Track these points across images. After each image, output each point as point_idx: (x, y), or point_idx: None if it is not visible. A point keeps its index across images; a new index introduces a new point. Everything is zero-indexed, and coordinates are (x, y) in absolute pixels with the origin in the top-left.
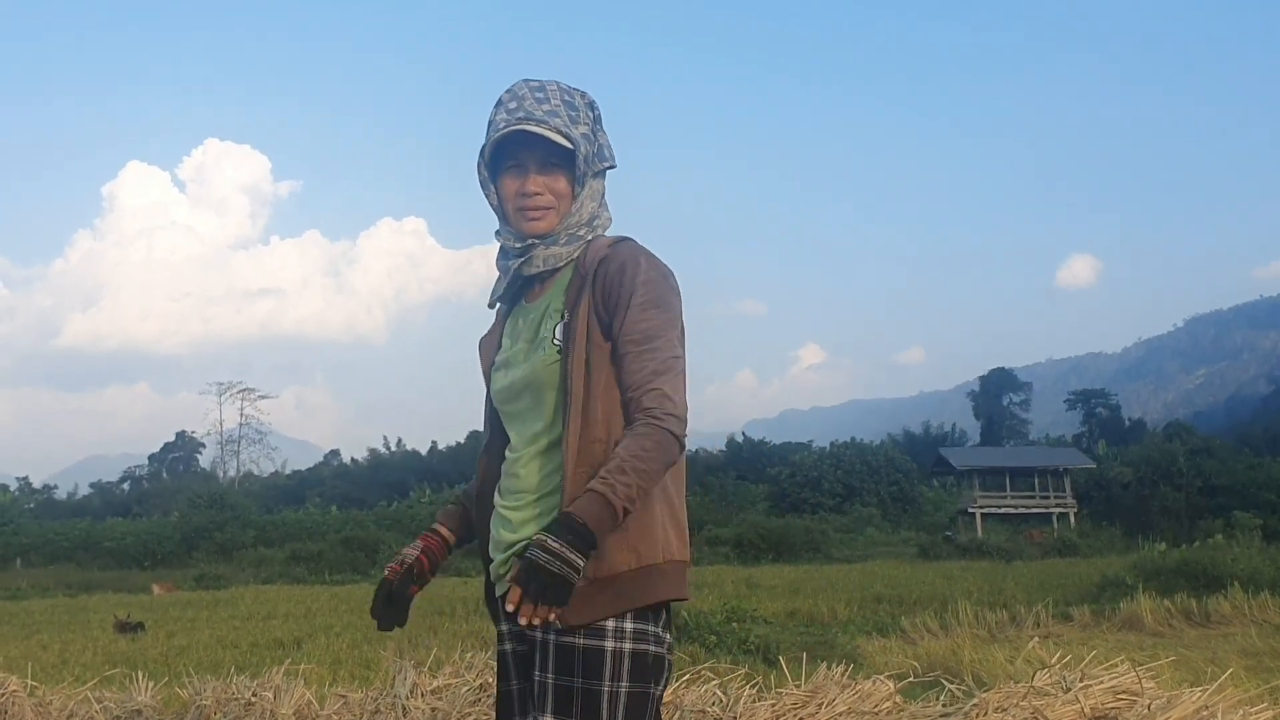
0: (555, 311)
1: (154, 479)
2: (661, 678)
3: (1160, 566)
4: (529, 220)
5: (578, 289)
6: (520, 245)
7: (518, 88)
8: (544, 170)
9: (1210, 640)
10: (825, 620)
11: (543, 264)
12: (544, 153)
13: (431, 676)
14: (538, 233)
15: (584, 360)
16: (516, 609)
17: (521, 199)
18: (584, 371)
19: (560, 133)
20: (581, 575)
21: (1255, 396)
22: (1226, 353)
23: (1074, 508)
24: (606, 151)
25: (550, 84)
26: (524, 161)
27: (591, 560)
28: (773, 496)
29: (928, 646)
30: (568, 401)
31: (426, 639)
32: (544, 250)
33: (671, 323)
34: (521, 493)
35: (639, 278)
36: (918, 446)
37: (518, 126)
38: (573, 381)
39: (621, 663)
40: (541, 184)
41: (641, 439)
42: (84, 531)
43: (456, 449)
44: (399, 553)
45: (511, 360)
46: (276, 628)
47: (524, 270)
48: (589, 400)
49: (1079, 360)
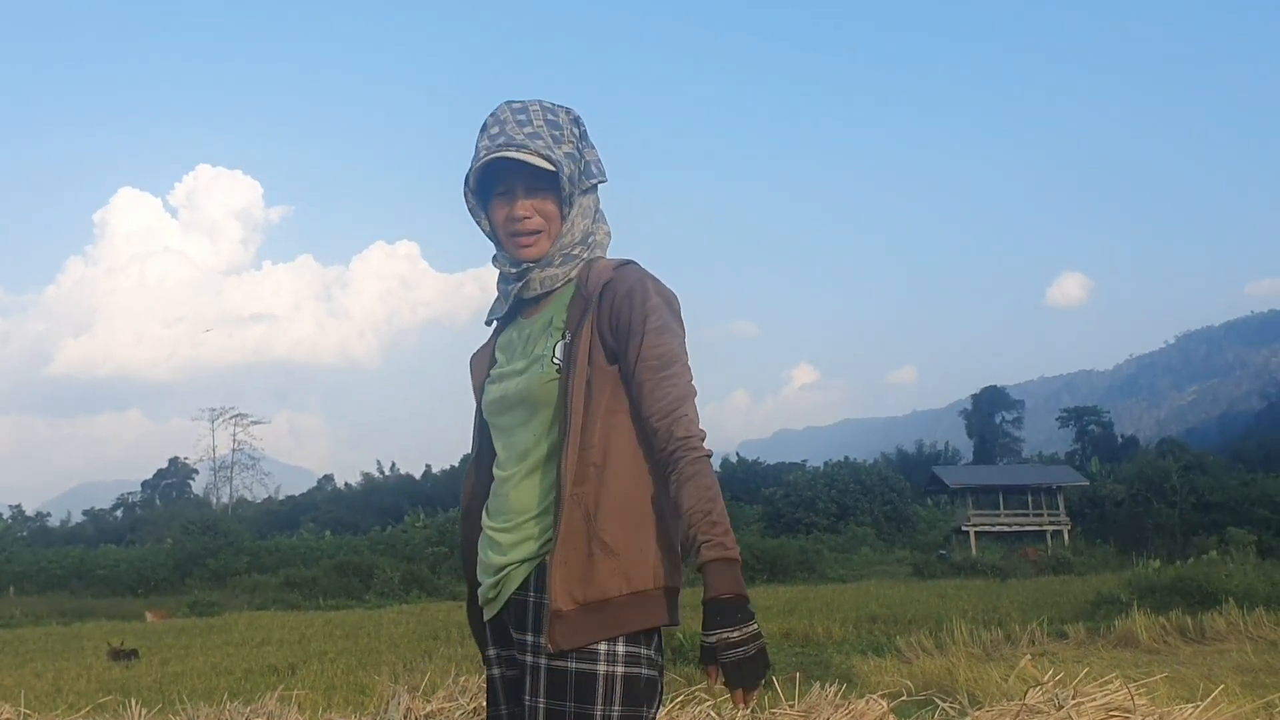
0: (556, 329)
1: (147, 506)
2: (654, 701)
3: (1155, 583)
4: (521, 246)
5: (580, 310)
6: (516, 270)
7: (500, 111)
8: (531, 194)
9: (1205, 657)
10: (820, 640)
11: (540, 287)
12: (529, 176)
13: (425, 701)
14: (531, 258)
15: (584, 382)
16: (746, 704)
17: (511, 224)
18: (584, 394)
19: (541, 155)
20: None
21: (1248, 412)
22: (1218, 369)
23: (1068, 525)
24: (594, 167)
25: (533, 104)
26: (511, 186)
27: (580, 585)
28: (767, 517)
29: (923, 666)
30: (566, 422)
31: (421, 663)
32: (540, 273)
33: (683, 346)
34: (510, 514)
35: (649, 302)
36: (911, 465)
37: (498, 154)
38: (572, 402)
39: (614, 686)
40: (530, 207)
41: (700, 478)
42: (77, 559)
43: (451, 473)
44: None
45: (506, 374)
46: (271, 654)
47: (523, 294)
48: (588, 423)
49: (1071, 378)
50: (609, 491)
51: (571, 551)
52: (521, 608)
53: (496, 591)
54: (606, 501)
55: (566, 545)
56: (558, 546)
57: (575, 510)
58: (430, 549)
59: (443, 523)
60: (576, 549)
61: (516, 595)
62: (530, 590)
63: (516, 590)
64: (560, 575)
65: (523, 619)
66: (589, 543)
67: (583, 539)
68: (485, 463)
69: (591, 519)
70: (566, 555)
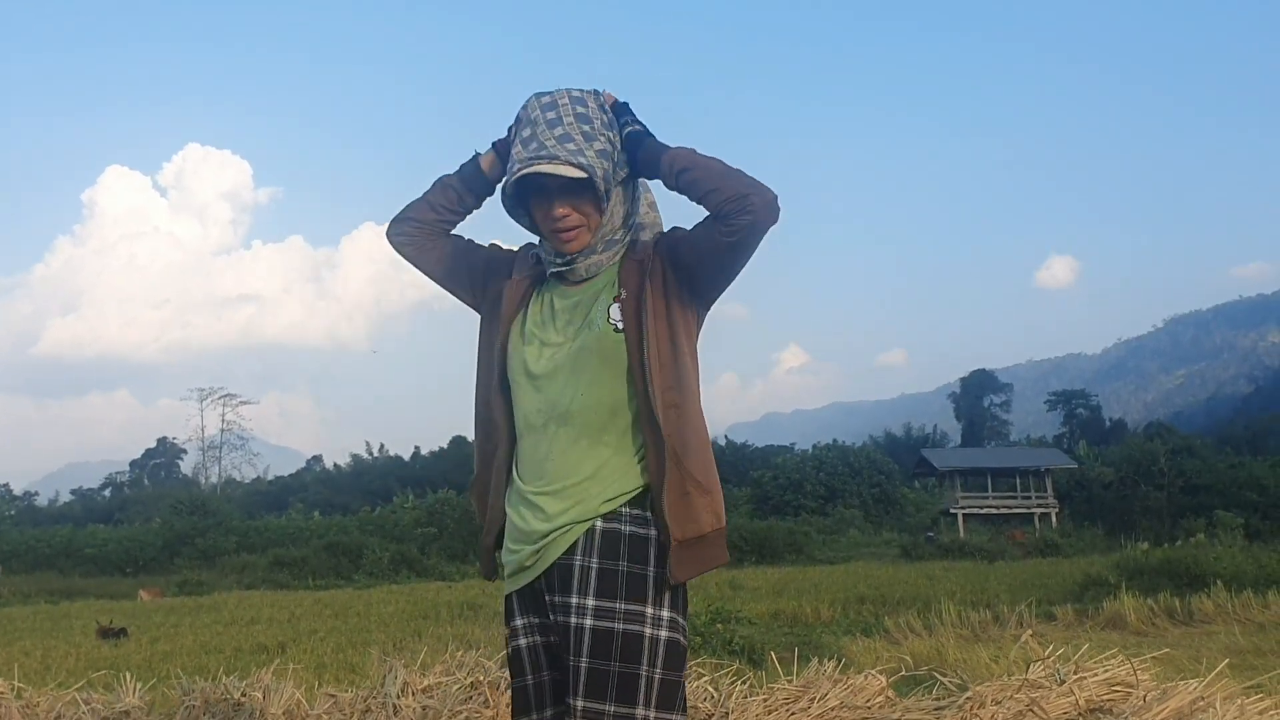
0: (609, 293)
1: (135, 485)
2: (685, 669)
3: (1143, 566)
4: (564, 242)
5: (635, 271)
6: (561, 259)
7: (530, 107)
8: (567, 194)
9: (1194, 638)
10: (809, 621)
11: (585, 273)
12: (563, 179)
13: (422, 675)
14: (574, 250)
15: (654, 331)
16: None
17: (551, 223)
18: (655, 341)
19: (573, 164)
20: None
21: (1235, 396)
22: (1206, 353)
23: (1055, 508)
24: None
25: (561, 96)
26: (547, 188)
27: (680, 523)
28: (756, 499)
29: (912, 646)
30: (645, 369)
31: (411, 642)
32: (584, 261)
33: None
34: (555, 477)
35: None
36: (899, 448)
37: (531, 169)
38: (649, 350)
39: (658, 649)
40: (567, 206)
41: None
42: (65, 538)
43: (440, 454)
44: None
45: (547, 338)
46: (260, 633)
47: (569, 277)
48: (663, 368)
49: (1059, 361)
50: (693, 430)
51: (670, 492)
52: (567, 571)
53: (537, 558)
54: (692, 440)
55: (665, 487)
56: (659, 490)
57: (666, 454)
58: (419, 529)
59: (431, 504)
60: (673, 489)
61: (561, 560)
62: (578, 554)
63: (562, 555)
64: (667, 515)
65: (568, 581)
66: (683, 481)
67: (677, 479)
68: (505, 433)
69: (680, 460)
70: (669, 498)
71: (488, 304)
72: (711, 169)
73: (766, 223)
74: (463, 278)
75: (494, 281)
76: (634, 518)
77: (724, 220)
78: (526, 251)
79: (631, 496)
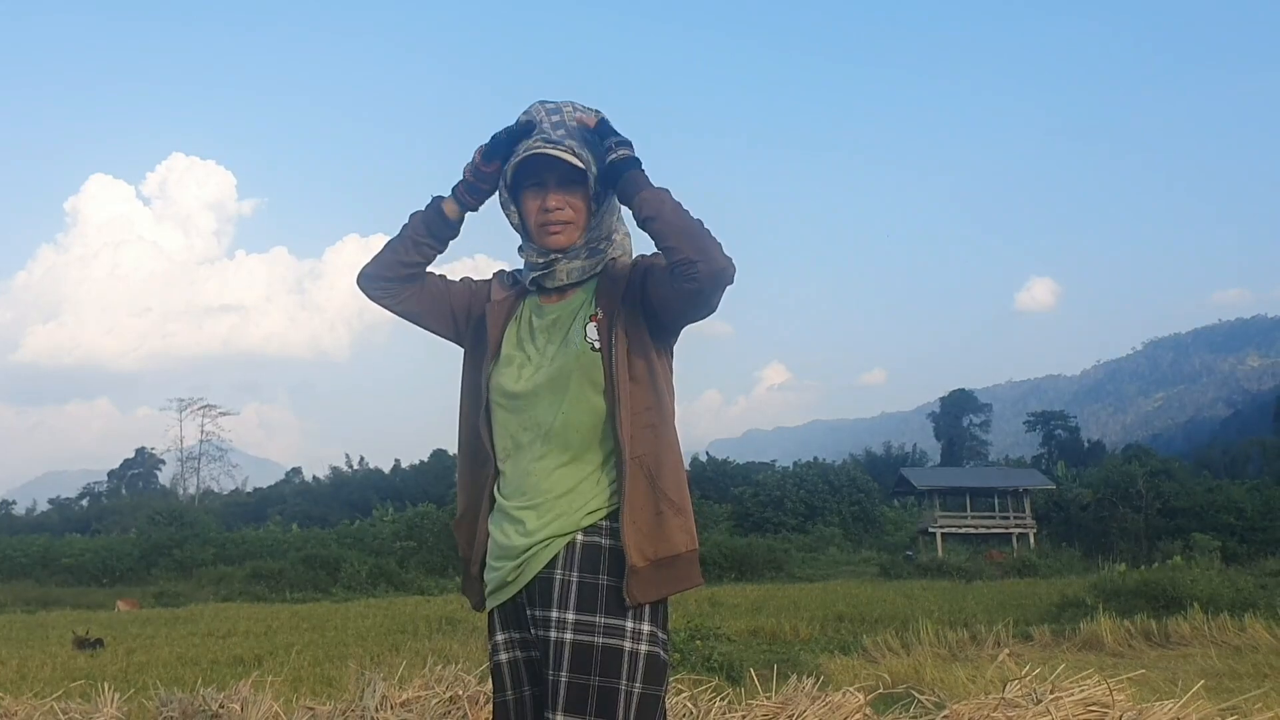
0: (586, 312)
1: (113, 495)
2: (666, 684)
3: (1120, 587)
4: (550, 234)
5: (611, 290)
6: (542, 260)
7: (534, 110)
8: (562, 187)
9: (1170, 660)
10: (787, 638)
11: (565, 277)
12: (562, 172)
13: (400, 689)
14: (559, 246)
15: (627, 350)
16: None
17: (543, 214)
18: (627, 361)
19: (574, 154)
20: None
21: (1214, 419)
22: (1185, 376)
23: (1033, 528)
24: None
25: (565, 104)
26: (543, 180)
27: (651, 543)
28: (736, 516)
29: (889, 665)
30: (615, 390)
31: (389, 656)
32: (566, 264)
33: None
34: (534, 492)
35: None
36: (879, 467)
37: (536, 150)
38: (618, 371)
39: (638, 664)
40: (561, 199)
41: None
42: (42, 548)
43: (420, 467)
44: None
45: (526, 357)
46: (237, 645)
47: (546, 283)
48: (639, 388)
49: (1038, 382)
50: (668, 450)
51: (640, 512)
52: (547, 585)
53: (518, 573)
54: (667, 460)
55: (634, 507)
56: (626, 509)
57: (638, 472)
58: (398, 543)
59: (411, 517)
60: (645, 509)
61: (542, 574)
62: (558, 567)
63: (543, 569)
64: (632, 536)
65: (548, 596)
66: (657, 502)
67: (649, 499)
68: (485, 456)
69: (654, 479)
70: (635, 516)
71: (471, 333)
72: (672, 226)
73: (709, 291)
74: (445, 315)
75: (474, 309)
76: (614, 532)
77: (675, 277)
78: (501, 276)
79: (611, 510)
